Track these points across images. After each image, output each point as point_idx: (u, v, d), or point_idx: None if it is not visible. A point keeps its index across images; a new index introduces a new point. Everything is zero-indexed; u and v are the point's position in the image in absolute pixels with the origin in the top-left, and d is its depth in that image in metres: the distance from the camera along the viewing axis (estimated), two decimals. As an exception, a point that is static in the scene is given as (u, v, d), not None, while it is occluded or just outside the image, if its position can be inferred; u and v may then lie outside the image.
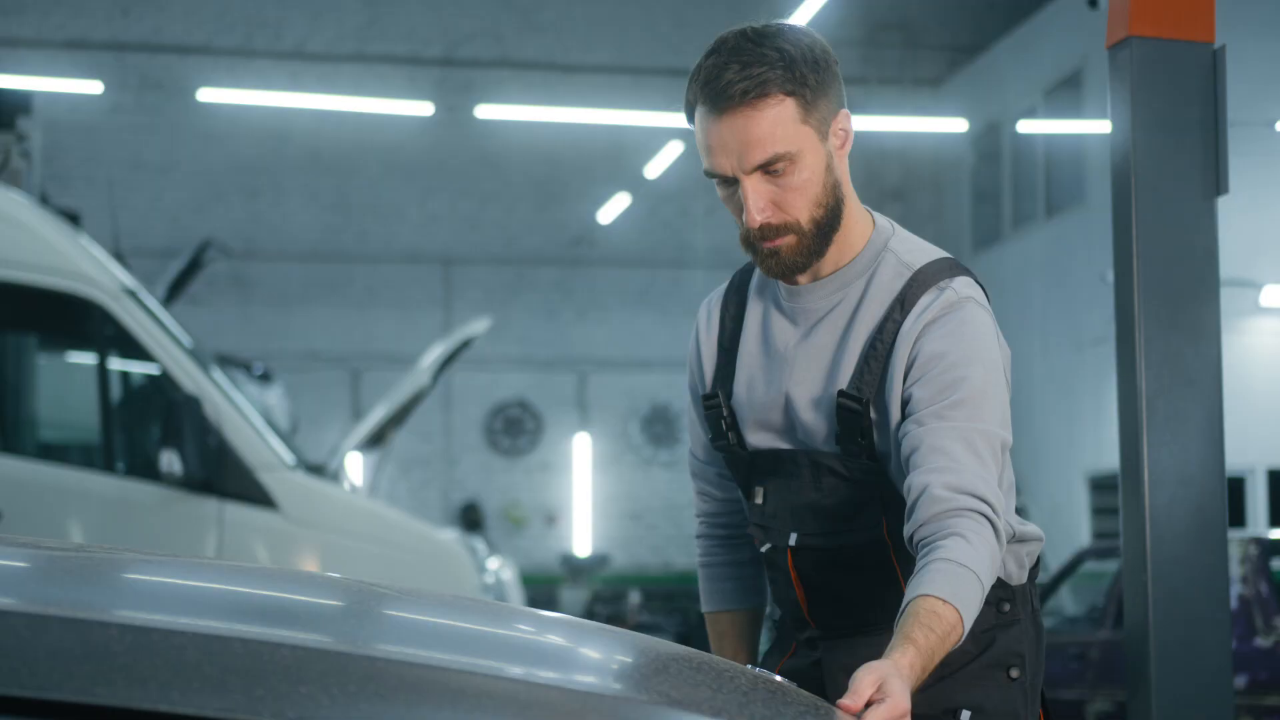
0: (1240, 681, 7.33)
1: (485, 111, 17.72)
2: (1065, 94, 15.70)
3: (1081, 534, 15.18)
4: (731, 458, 2.54)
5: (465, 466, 18.62)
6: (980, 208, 18.01)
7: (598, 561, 18.25)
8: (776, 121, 2.29)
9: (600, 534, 18.73)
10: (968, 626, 2.15)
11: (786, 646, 2.54)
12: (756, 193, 2.32)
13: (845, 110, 2.39)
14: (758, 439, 2.49)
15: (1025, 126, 16.79)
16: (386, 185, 18.26)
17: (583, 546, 18.61)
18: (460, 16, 18.39)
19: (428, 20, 18.32)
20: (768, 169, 2.31)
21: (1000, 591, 2.41)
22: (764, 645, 2.70)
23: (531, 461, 18.76)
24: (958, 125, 17.90)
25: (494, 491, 18.64)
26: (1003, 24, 18.17)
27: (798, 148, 2.31)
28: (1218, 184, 3.49)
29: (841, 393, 2.35)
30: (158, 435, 6.34)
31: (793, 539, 2.44)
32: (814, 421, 2.41)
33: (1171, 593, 3.50)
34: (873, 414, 2.35)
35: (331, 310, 18.24)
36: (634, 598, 16.82)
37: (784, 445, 2.46)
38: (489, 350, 16.55)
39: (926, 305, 2.34)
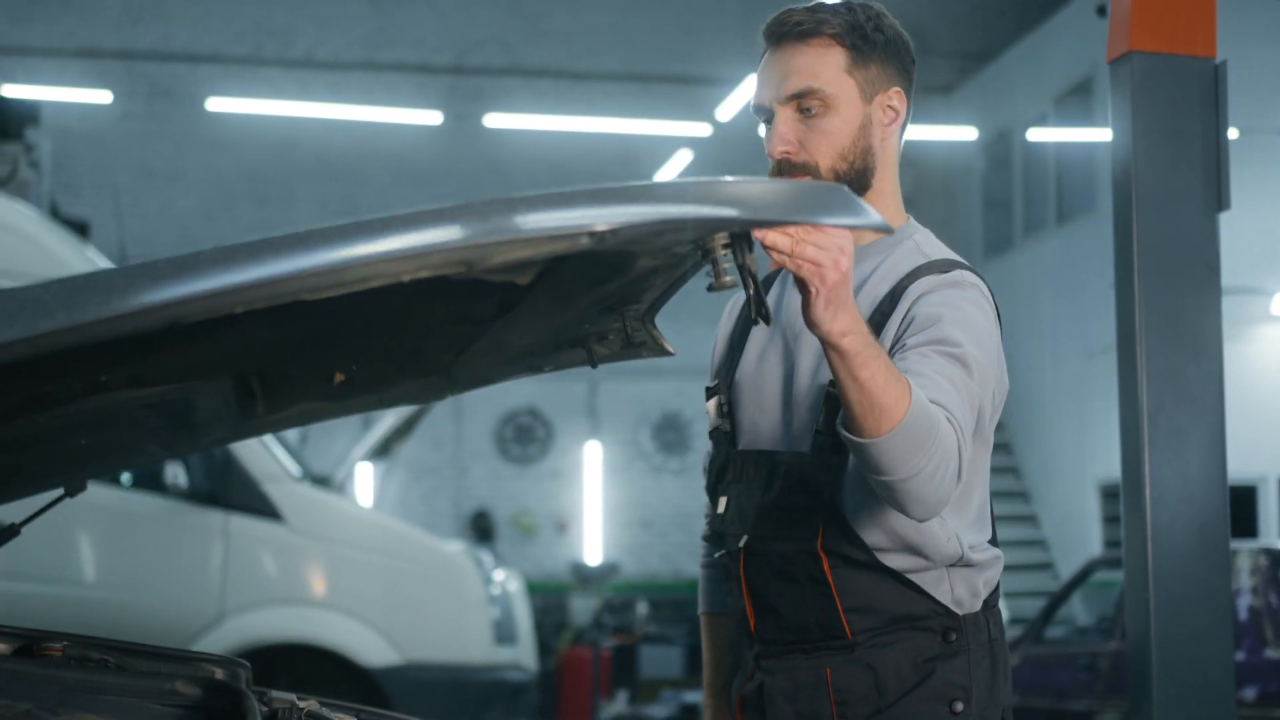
0: (1250, 693, 7.27)
1: (494, 120, 17.72)
2: (1076, 101, 15.67)
3: (1093, 542, 15.13)
4: (711, 457, 2.54)
5: (476, 474, 18.60)
6: (991, 215, 17.98)
7: (608, 569, 18.20)
8: (820, 60, 2.35)
9: (611, 542, 18.70)
10: (904, 418, 2.03)
11: (748, 669, 2.52)
12: (785, 123, 2.36)
13: (901, 91, 2.41)
14: (747, 426, 2.48)
15: (1036, 134, 16.76)
16: (395, 193, 18.25)
17: (593, 555, 18.57)
18: (469, 24, 18.39)
19: (436, 28, 18.33)
20: (800, 104, 2.35)
21: (946, 620, 2.34)
22: None
23: (542, 469, 18.74)
24: (968, 133, 17.87)
25: (504, 499, 18.62)
26: (1013, 31, 18.14)
27: (834, 91, 2.35)
28: (1219, 200, 3.46)
29: (832, 383, 2.31)
30: (163, 447, 6.33)
31: (743, 541, 2.42)
32: (804, 409, 2.39)
33: (1174, 608, 3.49)
34: None
35: (341, 318, 18.24)
36: (641, 608, 16.77)
37: (759, 446, 2.44)
38: (498, 358, 16.52)
39: (928, 284, 2.33)
